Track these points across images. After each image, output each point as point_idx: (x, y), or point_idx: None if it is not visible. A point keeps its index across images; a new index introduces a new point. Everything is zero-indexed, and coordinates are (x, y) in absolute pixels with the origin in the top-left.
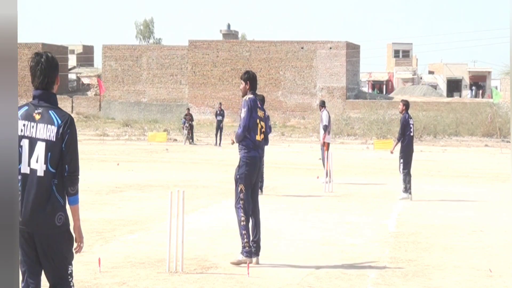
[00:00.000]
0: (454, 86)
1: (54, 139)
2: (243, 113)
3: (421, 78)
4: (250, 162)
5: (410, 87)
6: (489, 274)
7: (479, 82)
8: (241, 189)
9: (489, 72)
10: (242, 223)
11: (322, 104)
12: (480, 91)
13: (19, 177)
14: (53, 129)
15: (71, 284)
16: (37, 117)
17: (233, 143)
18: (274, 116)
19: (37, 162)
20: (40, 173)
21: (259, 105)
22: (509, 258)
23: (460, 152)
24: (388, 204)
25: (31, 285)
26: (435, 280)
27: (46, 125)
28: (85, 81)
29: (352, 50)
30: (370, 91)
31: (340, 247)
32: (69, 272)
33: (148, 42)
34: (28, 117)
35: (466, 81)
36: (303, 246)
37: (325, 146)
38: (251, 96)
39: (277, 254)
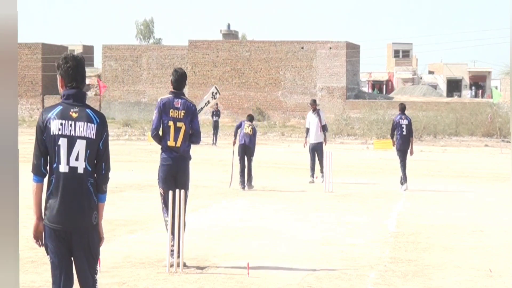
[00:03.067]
0: (454, 86)
1: (94, 137)
2: (153, 114)
3: (421, 78)
4: (163, 164)
5: (410, 87)
6: (489, 274)
7: (479, 82)
8: (160, 192)
9: (489, 72)
10: (167, 226)
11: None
12: (480, 91)
13: (53, 177)
14: (93, 127)
15: (97, 282)
16: (74, 115)
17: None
18: (274, 116)
19: (76, 160)
20: (80, 170)
21: (176, 106)
22: (509, 258)
23: (460, 152)
24: (388, 204)
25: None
26: (435, 280)
27: (85, 123)
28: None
29: (352, 50)
30: (370, 91)
31: (340, 247)
32: (96, 271)
33: (148, 42)
34: (65, 116)
35: (466, 81)
36: (303, 246)
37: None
38: (164, 96)
39: (277, 254)
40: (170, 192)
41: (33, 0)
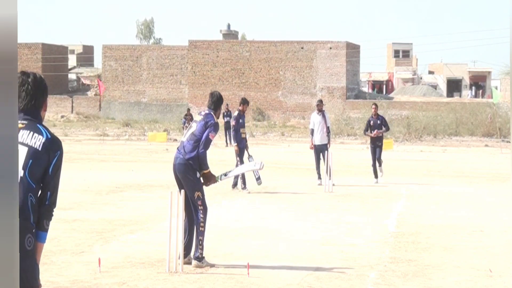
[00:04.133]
0: (454, 86)
1: (40, 149)
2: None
3: (421, 78)
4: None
5: (410, 87)
6: (489, 274)
7: (479, 82)
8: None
9: (489, 72)
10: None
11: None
12: (480, 91)
13: None
14: (40, 138)
15: None
16: (20, 125)
17: None
18: (274, 116)
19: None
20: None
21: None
22: (509, 258)
23: (460, 152)
24: (388, 204)
25: None
26: (435, 280)
27: (31, 132)
28: (85, 81)
29: (352, 50)
30: (370, 91)
31: (340, 247)
32: None
33: (148, 42)
34: None
35: (466, 81)
36: (303, 246)
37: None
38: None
39: (277, 254)
40: (183, 192)
41: (33, 0)
